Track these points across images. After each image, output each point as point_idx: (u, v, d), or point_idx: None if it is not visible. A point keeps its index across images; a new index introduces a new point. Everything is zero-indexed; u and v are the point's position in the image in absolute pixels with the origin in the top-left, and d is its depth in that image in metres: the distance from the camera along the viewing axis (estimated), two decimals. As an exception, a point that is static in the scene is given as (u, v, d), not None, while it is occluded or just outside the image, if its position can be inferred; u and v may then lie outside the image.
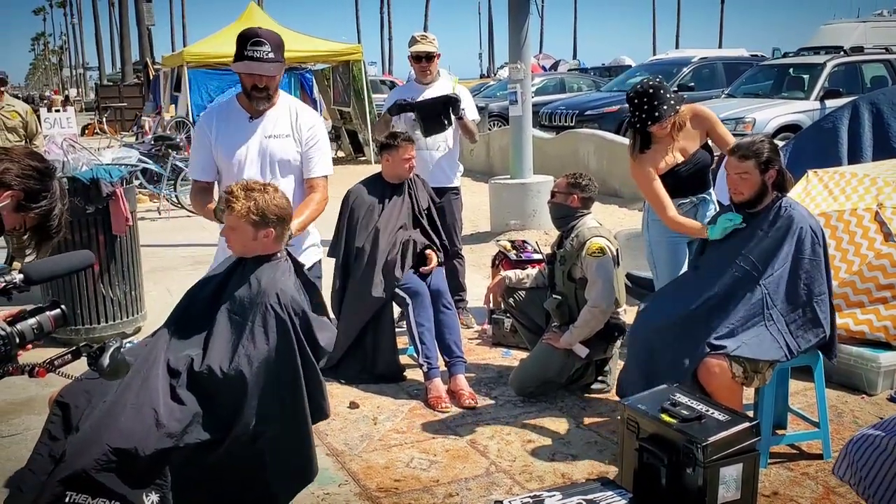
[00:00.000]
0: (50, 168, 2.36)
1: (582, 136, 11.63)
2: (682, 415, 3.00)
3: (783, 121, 11.13)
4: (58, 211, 2.34)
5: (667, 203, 3.98)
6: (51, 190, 2.32)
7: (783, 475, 3.48)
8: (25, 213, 2.28)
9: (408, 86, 5.20)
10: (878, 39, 15.38)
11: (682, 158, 4.07)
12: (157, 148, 11.09)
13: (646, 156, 4.04)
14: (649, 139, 4.02)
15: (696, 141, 4.09)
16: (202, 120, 3.83)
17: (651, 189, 4.02)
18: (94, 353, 2.22)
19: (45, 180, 2.31)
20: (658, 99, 3.88)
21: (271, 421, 2.79)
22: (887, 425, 2.52)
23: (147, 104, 22.49)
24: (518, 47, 8.48)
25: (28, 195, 2.27)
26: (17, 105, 7.48)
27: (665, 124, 3.94)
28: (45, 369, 2.17)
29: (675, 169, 4.06)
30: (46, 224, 2.33)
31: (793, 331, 3.42)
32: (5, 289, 2.26)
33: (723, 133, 4.11)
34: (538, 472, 3.57)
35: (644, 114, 3.91)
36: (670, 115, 3.92)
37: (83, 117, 28.80)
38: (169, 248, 8.26)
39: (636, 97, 3.93)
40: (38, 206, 2.29)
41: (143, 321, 5.65)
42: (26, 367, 2.15)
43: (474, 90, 21.16)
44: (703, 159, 4.12)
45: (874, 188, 4.68)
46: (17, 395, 4.48)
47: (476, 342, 5.34)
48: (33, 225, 2.32)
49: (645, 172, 4.02)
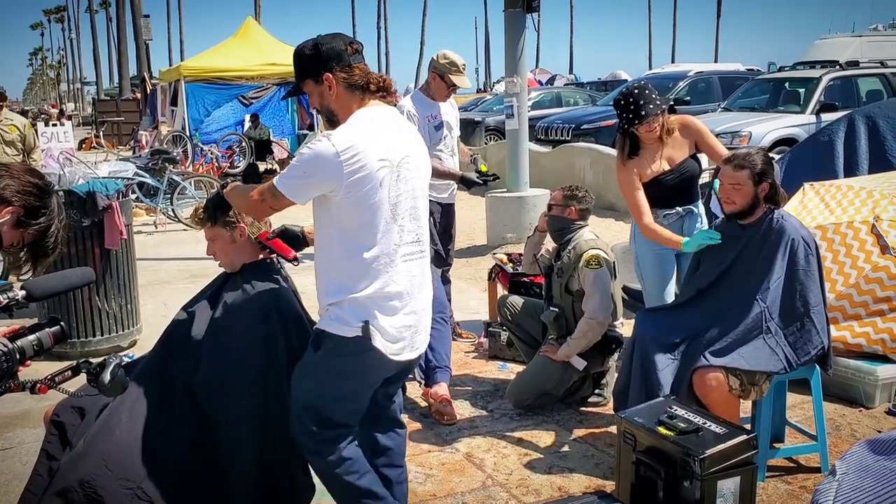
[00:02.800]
0: (49, 185, 2.38)
1: (578, 149, 11.65)
2: (680, 427, 2.99)
3: (779, 134, 11.15)
4: (55, 228, 2.35)
5: (644, 210, 3.99)
6: (49, 207, 2.33)
7: (781, 488, 3.46)
8: (24, 229, 2.29)
9: (428, 102, 5.17)
10: (873, 54, 15.45)
11: (669, 167, 4.08)
12: (154, 162, 11.08)
13: (633, 161, 4.06)
14: (637, 146, 4.04)
15: (684, 151, 4.10)
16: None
17: (631, 194, 4.04)
18: (94, 369, 2.22)
19: (45, 197, 2.32)
20: (643, 98, 3.91)
21: (269, 428, 2.78)
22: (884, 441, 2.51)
23: (144, 118, 22.50)
24: (514, 61, 8.52)
25: (27, 212, 2.28)
26: (16, 119, 7.49)
27: (652, 125, 3.95)
28: (46, 385, 2.17)
29: (660, 177, 4.06)
30: (44, 241, 2.34)
31: (792, 343, 3.42)
32: (8, 305, 2.27)
33: (713, 143, 4.11)
34: (535, 486, 3.55)
35: (630, 114, 3.93)
36: (656, 113, 3.93)
37: (80, 131, 28.88)
38: (165, 261, 8.25)
39: (622, 99, 3.97)
40: (37, 223, 2.30)
41: (138, 334, 5.63)
42: (27, 384, 2.15)
43: (471, 104, 21.23)
44: (689, 169, 4.12)
45: (870, 201, 4.68)
46: (12, 408, 4.45)
47: (472, 355, 5.33)
48: (31, 241, 2.33)
49: (629, 177, 4.04)
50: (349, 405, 2.71)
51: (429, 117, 5.14)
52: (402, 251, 2.61)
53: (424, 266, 2.73)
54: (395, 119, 2.70)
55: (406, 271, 2.62)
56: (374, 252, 2.56)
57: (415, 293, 2.66)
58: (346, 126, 2.57)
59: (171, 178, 10.64)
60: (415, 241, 2.66)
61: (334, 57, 2.61)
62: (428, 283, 2.76)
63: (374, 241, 2.55)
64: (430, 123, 5.14)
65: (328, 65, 2.61)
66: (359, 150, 2.49)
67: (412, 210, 2.64)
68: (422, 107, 5.15)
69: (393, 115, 2.70)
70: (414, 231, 2.65)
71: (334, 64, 2.61)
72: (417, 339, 2.72)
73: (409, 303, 2.64)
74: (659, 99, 3.97)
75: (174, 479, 2.68)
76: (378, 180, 2.52)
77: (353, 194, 2.50)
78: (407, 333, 2.65)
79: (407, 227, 2.62)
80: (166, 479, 2.66)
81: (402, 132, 2.69)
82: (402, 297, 2.62)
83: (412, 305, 2.66)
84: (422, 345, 2.76)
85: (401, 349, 2.65)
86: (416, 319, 2.69)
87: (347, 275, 2.57)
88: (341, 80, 2.62)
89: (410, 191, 2.63)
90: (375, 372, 2.68)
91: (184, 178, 10.97)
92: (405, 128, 2.75)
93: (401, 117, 2.78)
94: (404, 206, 2.60)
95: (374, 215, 2.54)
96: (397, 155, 2.58)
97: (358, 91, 2.64)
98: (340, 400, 2.68)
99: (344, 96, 2.64)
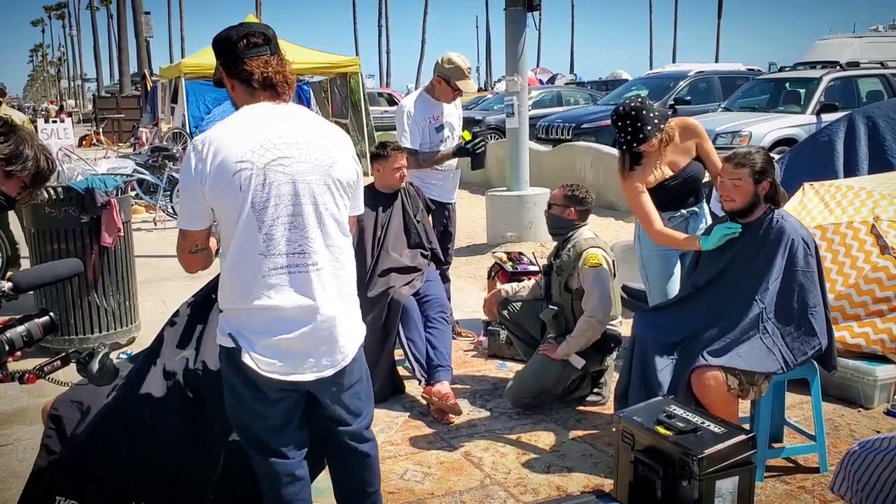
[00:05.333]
0: (8, 123, 2.30)
1: (578, 148, 11.65)
2: (678, 427, 2.99)
3: (779, 134, 11.15)
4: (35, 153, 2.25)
5: (654, 217, 3.96)
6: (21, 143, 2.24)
7: (779, 489, 3.46)
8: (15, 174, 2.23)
9: (432, 103, 5.17)
10: (873, 54, 15.44)
11: (672, 172, 4.06)
12: (154, 159, 11.08)
13: (635, 172, 4.03)
14: (639, 157, 4.02)
15: (686, 154, 4.08)
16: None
17: (639, 203, 4.00)
18: (82, 359, 2.23)
19: (10, 135, 2.24)
20: (641, 120, 3.87)
21: None
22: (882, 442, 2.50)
23: (144, 115, 22.50)
24: (515, 60, 8.51)
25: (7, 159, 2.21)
26: (14, 115, 7.50)
27: (653, 143, 3.94)
28: (35, 375, 2.19)
29: (664, 183, 4.05)
30: (38, 171, 2.27)
31: (788, 343, 3.41)
32: None
33: (709, 149, 4.10)
34: (533, 485, 3.55)
35: (629, 135, 3.90)
36: (655, 133, 3.91)
37: (81, 128, 28.86)
38: (164, 258, 8.23)
39: (619, 119, 3.92)
40: (22, 164, 2.23)
41: (136, 331, 5.62)
42: (16, 374, 2.16)
43: (472, 103, 21.20)
44: (693, 172, 4.10)
45: (870, 201, 4.68)
46: (9, 405, 4.45)
47: (471, 354, 5.32)
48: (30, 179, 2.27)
49: (633, 187, 4.01)
50: (260, 422, 2.50)
51: (430, 118, 5.14)
52: (275, 263, 2.35)
53: (319, 280, 2.41)
54: (280, 118, 2.42)
55: (286, 285, 2.36)
56: (237, 262, 2.37)
57: (301, 309, 2.38)
58: (214, 125, 2.44)
59: (171, 175, 10.62)
60: (298, 251, 2.37)
61: (226, 50, 2.45)
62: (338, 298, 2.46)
63: (237, 250, 2.36)
64: (432, 124, 5.14)
65: (224, 63, 2.47)
66: (213, 149, 2.31)
67: (291, 218, 2.36)
68: (424, 107, 5.15)
69: (280, 114, 2.44)
70: (295, 241, 2.37)
71: (226, 57, 2.45)
72: (314, 361, 2.43)
73: (295, 320, 2.38)
74: (657, 117, 3.92)
75: (167, 471, 2.68)
76: (236, 183, 2.30)
77: (214, 196, 2.33)
78: (290, 353, 2.39)
79: (286, 237, 2.36)
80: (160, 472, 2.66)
81: (288, 133, 2.39)
82: (279, 313, 2.37)
83: (302, 323, 2.39)
84: (327, 368, 2.45)
85: (282, 370, 2.39)
86: (310, 338, 2.40)
87: (224, 285, 2.44)
88: (233, 75, 2.45)
89: (288, 195, 2.35)
90: (255, 389, 2.43)
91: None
92: (300, 129, 2.42)
93: (296, 116, 2.48)
94: (275, 212, 2.34)
95: (236, 222, 2.33)
96: (266, 156, 2.33)
97: (252, 87, 2.44)
98: (251, 417, 2.50)
99: (240, 93, 2.46)
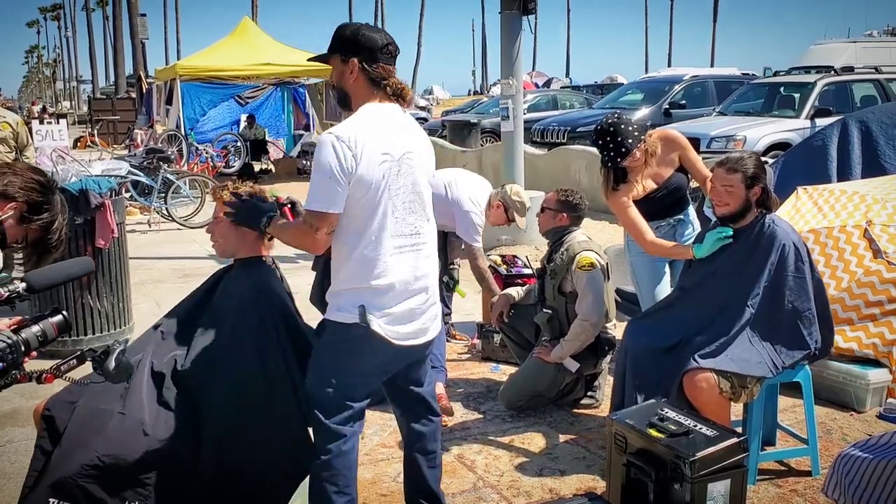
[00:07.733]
0: (52, 182, 2.41)
1: (573, 152, 11.65)
2: (670, 430, 2.99)
3: (773, 139, 11.17)
4: (58, 224, 2.38)
5: (644, 229, 3.97)
6: (52, 203, 2.36)
7: (771, 492, 3.47)
8: (28, 224, 2.32)
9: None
10: (867, 59, 15.50)
11: (656, 185, 4.08)
12: (149, 160, 11.05)
13: (620, 188, 4.04)
14: (624, 173, 4.03)
15: (669, 166, 4.10)
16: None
17: (627, 217, 4.02)
18: (98, 357, 2.24)
19: (48, 193, 2.36)
20: (621, 135, 3.89)
21: (256, 422, 2.78)
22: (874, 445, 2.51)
23: (140, 117, 22.46)
24: (510, 64, 8.51)
25: (31, 207, 2.31)
26: (8, 116, 7.44)
27: (636, 156, 3.95)
28: (52, 375, 2.20)
29: (649, 196, 4.07)
30: (47, 237, 2.37)
31: (777, 348, 3.43)
32: (9, 298, 2.29)
33: (694, 159, 4.12)
34: (526, 488, 3.55)
35: (612, 152, 3.92)
36: (637, 146, 3.93)
37: (76, 130, 28.81)
38: (158, 260, 8.22)
39: (599, 137, 3.95)
40: (41, 219, 2.33)
41: (130, 333, 5.60)
42: (34, 374, 2.17)
43: (467, 106, 21.24)
44: (677, 183, 4.13)
45: (863, 205, 4.69)
46: (0, 407, 4.43)
47: (465, 357, 5.32)
48: (35, 238, 2.36)
49: (620, 202, 4.03)
50: (350, 389, 2.74)
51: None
52: (398, 242, 2.66)
53: (425, 256, 2.77)
54: (401, 118, 2.75)
55: (404, 262, 2.68)
56: (368, 242, 2.62)
57: (415, 282, 2.72)
58: (349, 119, 2.64)
59: (166, 176, 10.62)
60: (413, 233, 2.72)
61: (367, 48, 2.67)
62: (434, 272, 2.82)
63: (372, 233, 2.62)
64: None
65: (359, 52, 2.67)
66: (362, 141, 2.55)
67: (410, 203, 2.70)
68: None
69: (400, 114, 2.75)
70: (412, 223, 2.71)
71: (365, 54, 2.67)
72: (423, 326, 2.78)
73: (409, 290, 2.70)
74: (636, 128, 3.95)
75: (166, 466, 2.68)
76: (381, 173, 2.59)
77: (361, 183, 2.56)
78: (408, 319, 2.71)
79: (406, 220, 2.68)
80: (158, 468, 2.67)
81: (406, 130, 2.74)
82: (401, 286, 2.67)
83: (412, 292, 2.71)
84: (430, 332, 2.82)
85: (403, 334, 2.70)
86: (419, 306, 2.75)
87: (349, 265, 2.64)
88: (364, 70, 2.67)
89: (410, 185, 2.69)
90: (374, 356, 2.71)
91: (178, 178, 10.94)
92: (410, 126, 2.79)
93: (408, 117, 2.82)
94: (402, 199, 2.67)
95: (375, 208, 2.61)
96: (399, 150, 2.65)
97: (375, 87, 2.69)
98: (343, 384, 2.71)
99: (361, 86, 2.70)
